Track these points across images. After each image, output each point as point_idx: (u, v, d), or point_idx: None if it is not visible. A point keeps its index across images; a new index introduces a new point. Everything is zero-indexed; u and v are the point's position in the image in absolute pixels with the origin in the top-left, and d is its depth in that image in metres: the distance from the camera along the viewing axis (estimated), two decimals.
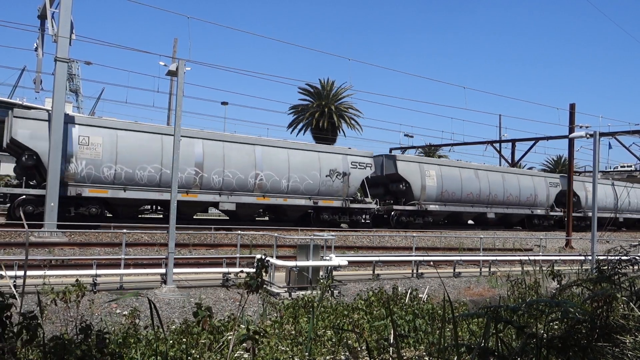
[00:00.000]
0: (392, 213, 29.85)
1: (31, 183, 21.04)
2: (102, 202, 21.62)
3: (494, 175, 34.41)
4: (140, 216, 25.88)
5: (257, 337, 3.16)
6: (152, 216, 26.77)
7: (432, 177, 30.69)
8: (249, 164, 24.34)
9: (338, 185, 27.07)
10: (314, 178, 26.21)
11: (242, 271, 11.42)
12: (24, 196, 20.02)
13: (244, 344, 3.20)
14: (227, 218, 26.73)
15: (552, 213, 37.33)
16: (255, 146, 24.79)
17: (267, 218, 29.42)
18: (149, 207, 25.64)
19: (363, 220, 28.80)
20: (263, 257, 3.46)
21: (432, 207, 30.63)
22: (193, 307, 10.33)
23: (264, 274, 3.27)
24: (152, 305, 2.92)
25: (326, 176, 26.67)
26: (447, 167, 32.06)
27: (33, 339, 2.47)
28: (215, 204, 24.61)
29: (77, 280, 6.33)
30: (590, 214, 34.44)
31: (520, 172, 37.62)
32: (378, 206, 29.42)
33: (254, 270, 3.34)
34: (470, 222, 35.95)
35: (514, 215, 35.98)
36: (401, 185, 30.08)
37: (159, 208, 25.53)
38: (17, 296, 2.60)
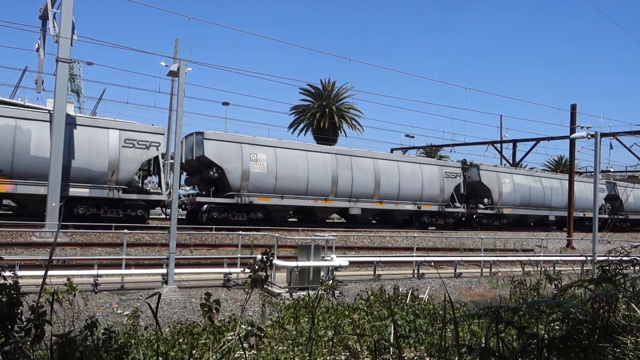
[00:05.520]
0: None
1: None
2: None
3: (360, 161, 28.24)
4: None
5: (261, 334, 3.16)
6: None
7: (261, 162, 24.59)
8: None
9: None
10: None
11: (244, 270, 11.43)
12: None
13: (245, 344, 3.20)
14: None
15: (449, 209, 31.88)
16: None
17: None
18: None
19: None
20: (265, 255, 3.47)
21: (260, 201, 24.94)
22: (194, 307, 10.37)
23: (267, 269, 3.31)
24: (157, 304, 2.92)
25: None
26: (282, 150, 25.57)
27: (42, 336, 2.48)
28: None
29: (68, 279, 6.35)
30: (505, 211, 34.18)
31: (400, 159, 31.50)
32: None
33: (256, 268, 3.36)
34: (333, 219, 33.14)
35: (395, 211, 30.11)
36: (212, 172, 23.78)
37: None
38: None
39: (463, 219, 33.61)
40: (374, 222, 32.50)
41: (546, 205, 37.20)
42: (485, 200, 33.66)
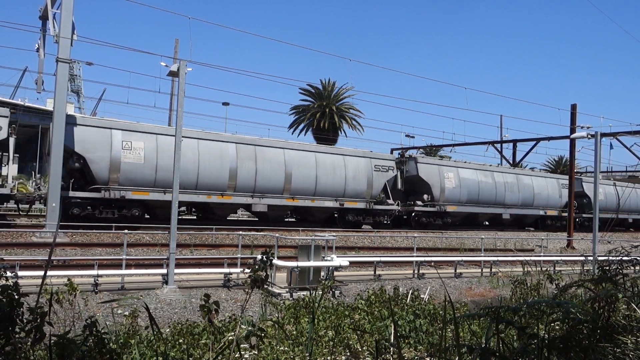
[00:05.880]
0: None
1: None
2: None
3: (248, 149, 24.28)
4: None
5: (261, 334, 3.16)
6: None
7: (136, 151, 21.25)
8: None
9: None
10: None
11: (244, 270, 11.44)
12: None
13: (246, 344, 3.20)
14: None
15: (378, 207, 28.46)
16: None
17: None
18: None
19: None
20: (265, 255, 3.47)
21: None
22: (194, 307, 10.35)
23: (268, 269, 3.31)
24: (148, 310, 2.92)
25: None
26: (166, 137, 21.68)
27: (42, 338, 2.48)
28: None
29: (68, 279, 6.35)
30: (449, 209, 31.22)
31: (318, 150, 27.40)
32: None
33: (256, 268, 3.37)
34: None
35: (312, 209, 26.85)
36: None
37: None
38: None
39: (405, 217, 30.90)
40: (292, 220, 29.23)
41: (499, 202, 34.05)
42: (425, 196, 30.57)
